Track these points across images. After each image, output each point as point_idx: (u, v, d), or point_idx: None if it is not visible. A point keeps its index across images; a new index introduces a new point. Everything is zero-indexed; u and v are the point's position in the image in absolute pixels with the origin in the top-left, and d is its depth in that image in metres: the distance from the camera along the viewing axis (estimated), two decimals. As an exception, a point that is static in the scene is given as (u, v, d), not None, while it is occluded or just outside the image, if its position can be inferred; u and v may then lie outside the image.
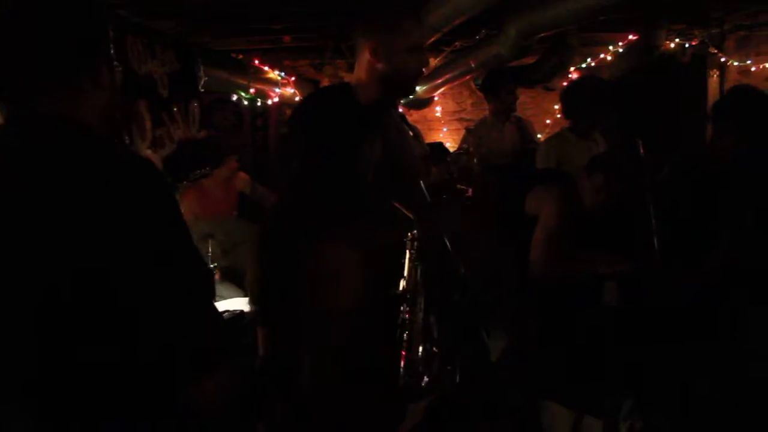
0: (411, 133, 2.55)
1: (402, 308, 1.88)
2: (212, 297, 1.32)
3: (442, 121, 7.24)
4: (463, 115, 7.26)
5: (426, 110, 7.15)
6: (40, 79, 1.23)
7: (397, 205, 1.92)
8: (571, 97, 3.83)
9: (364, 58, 2.28)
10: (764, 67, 6.49)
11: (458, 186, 4.34)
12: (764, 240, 2.76)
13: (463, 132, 5.39)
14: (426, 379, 1.90)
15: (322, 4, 4.43)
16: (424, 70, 2.35)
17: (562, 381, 3.01)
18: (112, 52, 1.34)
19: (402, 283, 1.91)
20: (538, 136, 5.64)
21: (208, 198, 3.93)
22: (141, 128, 3.83)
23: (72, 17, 1.26)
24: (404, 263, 1.92)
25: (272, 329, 1.88)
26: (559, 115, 4.57)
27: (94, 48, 1.29)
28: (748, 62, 6.59)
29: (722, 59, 6.75)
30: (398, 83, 2.29)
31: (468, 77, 6.02)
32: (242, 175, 4.20)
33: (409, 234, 1.91)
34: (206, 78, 4.70)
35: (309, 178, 1.87)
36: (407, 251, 1.91)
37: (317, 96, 2.63)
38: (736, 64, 6.72)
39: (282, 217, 1.78)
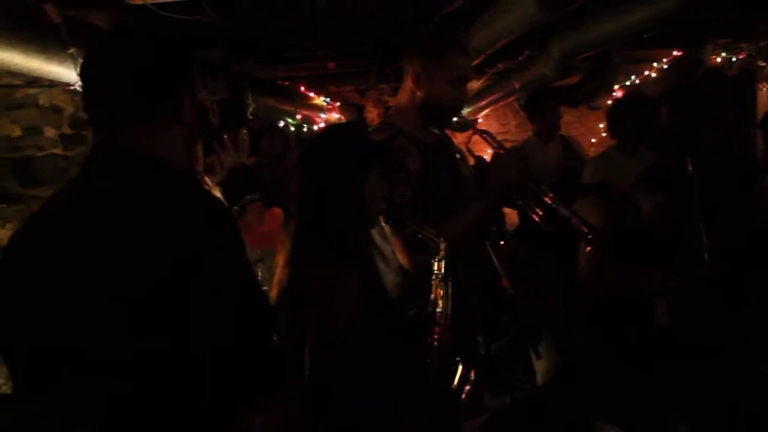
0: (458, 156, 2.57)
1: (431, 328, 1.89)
2: (272, 328, 1.35)
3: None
4: (507, 137, 7.27)
5: (470, 132, 7.15)
6: (124, 113, 1.32)
7: (423, 229, 1.94)
8: (615, 115, 3.82)
9: (407, 83, 2.34)
10: (816, 79, 6.35)
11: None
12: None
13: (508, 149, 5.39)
14: (464, 397, 1.90)
15: (365, 31, 4.51)
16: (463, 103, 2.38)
17: (615, 401, 2.97)
18: (194, 90, 1.43)
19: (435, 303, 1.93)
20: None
21: (255, 229, 4.01)
22: (194, 156, 3.94)
23: (155, 57, 1.35)
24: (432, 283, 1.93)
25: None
26: (604, 134, 4.56)
27: (176, 86, 1.37)
28: (798, 75, 6.46)
29: (772, 72, 6.65)
30: (436, 113, 2.33)
31: (512, 98, 6.03)
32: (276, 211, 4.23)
33: (440, 252, 1.93)
34: (254, 105, 4.81)
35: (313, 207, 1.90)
36: (434, 270, 1.93)
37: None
38: (786, 77, 6.60)
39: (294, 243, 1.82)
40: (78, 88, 2.97)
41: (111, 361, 1.18)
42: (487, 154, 2.43)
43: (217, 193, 3.58)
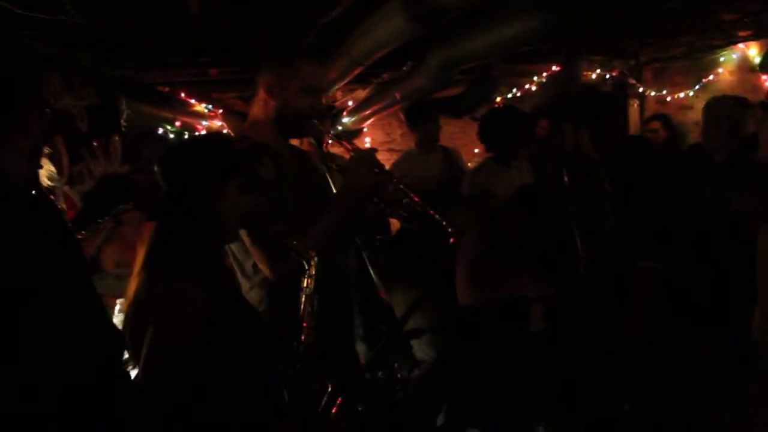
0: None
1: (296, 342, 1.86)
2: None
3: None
4: (392, 146, 7.32)
5: (356, 141, 7.18)
6: None
7: (285, 239, 1.90)
8: (485, 129, 3.92)
9: (260, 95, 2.30)
10: (678, 96, 6.77)
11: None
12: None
13: (392, 162, 5.43)
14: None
15: (242, 38, 4.43)
16: (318, 112, 2.35)
17: (486, 408, 3.02)
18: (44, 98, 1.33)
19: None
20: (469, 164, 5.73)
21: (133, 240, 3.83)
22: (58, 164, 3.73)
23: None
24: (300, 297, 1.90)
25: None
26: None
27: (20, 99, 1.30)
28: (664, 92, 6.87)
29: (640, 89, 7.02)
30: (291, 122, 2.30)
31: (396, 108, 6.08)
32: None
33: (308, 269, 1.89)
34: (128, 111, 4.62)
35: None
36: (302, 286, 1.89)
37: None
38: (653, 94, 6.99)
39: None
40: None
41: None
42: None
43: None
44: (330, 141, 2.40)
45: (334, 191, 2.53)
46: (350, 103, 6.58)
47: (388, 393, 2.96)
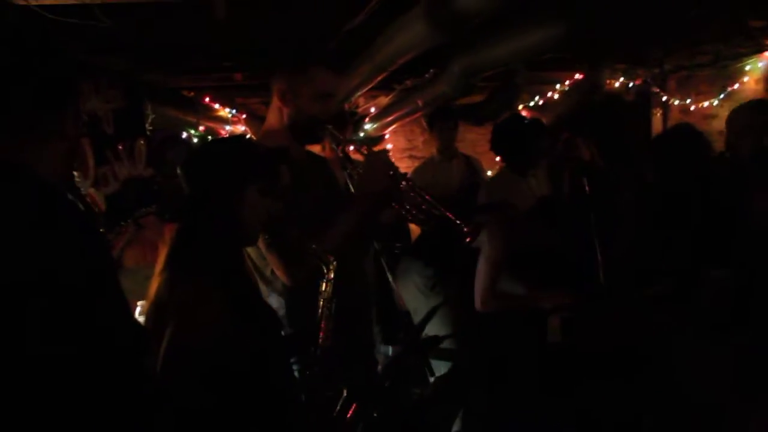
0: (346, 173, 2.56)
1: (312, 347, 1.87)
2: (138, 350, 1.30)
3: (393, 158, 7.25)
4: (414, 152, 7.34)
5: (377, 148, 7.17)
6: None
7: (304, 244, 1.92)
8: (497, 139, 3.91)
9: (274, 102, 2.31)
10: (703, 105, 6.70)
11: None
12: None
13: (413, 169, 5.44)
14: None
15: (267, 44, 4.47)
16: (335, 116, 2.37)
17: (502, 414, 3.01)
18: (78, 102, 1.39)
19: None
20: (488, 172, 5.73)
21: (155, 244, 3.87)
22: (84, 166, 3.78)
23: (38, 72, 1.31)
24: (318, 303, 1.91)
25: None
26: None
27: (59, 102, 1.33)
28: (688, 101, 6.81)
29: (664, 98, 6.97)
30: (305, 128, 2.31)
31: (418, 115, 6.10)
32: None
33: (326, 273, 1.91)
34: (153, 115, 4.67)
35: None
36: (320, 290, 1.91)
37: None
38: (677, 102, 6.93)
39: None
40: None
41: None
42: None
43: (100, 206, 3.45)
44: (351, 148, 2.41)
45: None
46: (372, 109, 6.60)
47: (405, 400, 2.96)
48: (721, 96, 6.49)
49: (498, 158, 4.07)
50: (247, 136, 6.01)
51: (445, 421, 2.65)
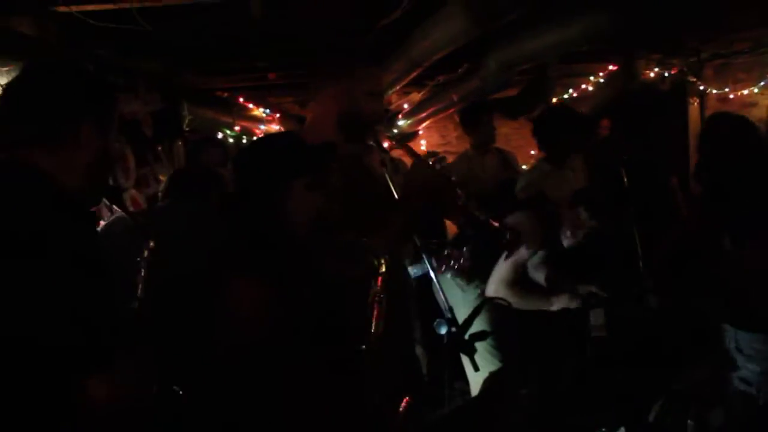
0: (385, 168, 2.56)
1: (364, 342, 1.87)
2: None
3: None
4: (448, 148, 7.32)
5: (411, 144, 7.19)
6: (18, 135, 1.42)
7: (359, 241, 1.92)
8: (540, 129, 3.87)
9: (322, 100, 2.31)
10: (742, 93, 6.58)
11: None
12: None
13: (449, 163, 5.43)
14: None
15: (303, 41, 4.48)
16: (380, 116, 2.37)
17: (547, 414, 2.99)
18: (107, 120, 1.49)
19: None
20: (523, 166, 5.68)
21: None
22: (125, 168, 3.84)
23: (55, 87, 1.47)
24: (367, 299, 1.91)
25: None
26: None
27: (75, 114, 1.44)
28: (726, 90, 6.68)
29: (701, 87, 6.85)
30: (355, 128, 2.31)
31: (452, 110, 6.07)
32: None
33: (377, 267, 1.90)
34: (191, 117, 4.72)
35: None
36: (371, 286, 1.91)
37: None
38: (714, 92, 6.81)
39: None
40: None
41: None
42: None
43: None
44: (386, 144, 2.43)
45: (394, 193, 2.54)
46: (405, 105, 6.59)
47: (450, 398, 2.95)
48: (761, 83, 6.35)
49: (533, 152, 4.04)
50: (275, 128, 6.05)
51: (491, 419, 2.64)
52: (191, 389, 1.76)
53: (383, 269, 1.89)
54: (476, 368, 2.82)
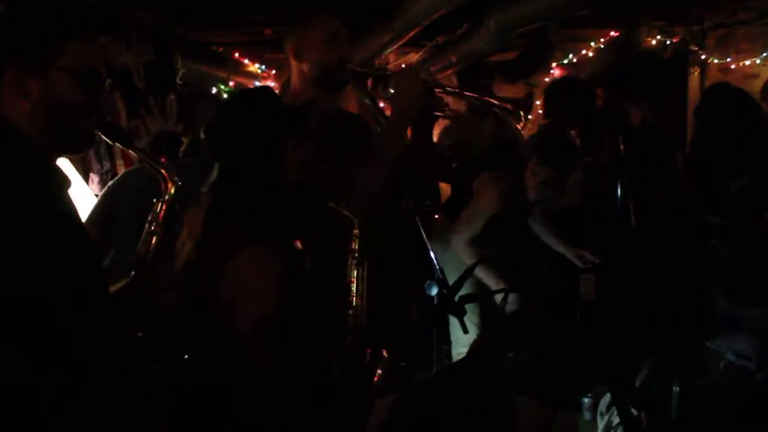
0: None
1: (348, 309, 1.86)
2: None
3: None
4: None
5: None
6: None
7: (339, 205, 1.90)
8: (552, 97, 3.85)
9: (291, 63, 2.32)
10: (744, 64, 6.50)
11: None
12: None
13: (443, 126, 5.36)
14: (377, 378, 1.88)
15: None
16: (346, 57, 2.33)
17: (537, 377, 3.01)
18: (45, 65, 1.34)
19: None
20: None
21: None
22: (116, 120, 3.79)
23: None
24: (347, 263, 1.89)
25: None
26: (540, 111, 4.56)
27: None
28: (728, 60, 6.60)
29: (703, 57, 6.76)
30: (327, 76, 2.28)
31: (449, 72, 5.99)
32: None
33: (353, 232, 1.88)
34: (184, 70, 4.65)
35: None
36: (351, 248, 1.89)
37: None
38: (716, 61, 6.73)
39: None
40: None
41: None
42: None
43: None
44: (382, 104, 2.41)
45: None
46: (403, 66, 6.50)
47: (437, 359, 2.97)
48: (764, 54, 6.27)
49: (530, 116, 4.01)
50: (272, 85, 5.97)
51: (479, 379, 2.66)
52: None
53: (356, 230, 1.87)
54: (465, 330, 2.84)
